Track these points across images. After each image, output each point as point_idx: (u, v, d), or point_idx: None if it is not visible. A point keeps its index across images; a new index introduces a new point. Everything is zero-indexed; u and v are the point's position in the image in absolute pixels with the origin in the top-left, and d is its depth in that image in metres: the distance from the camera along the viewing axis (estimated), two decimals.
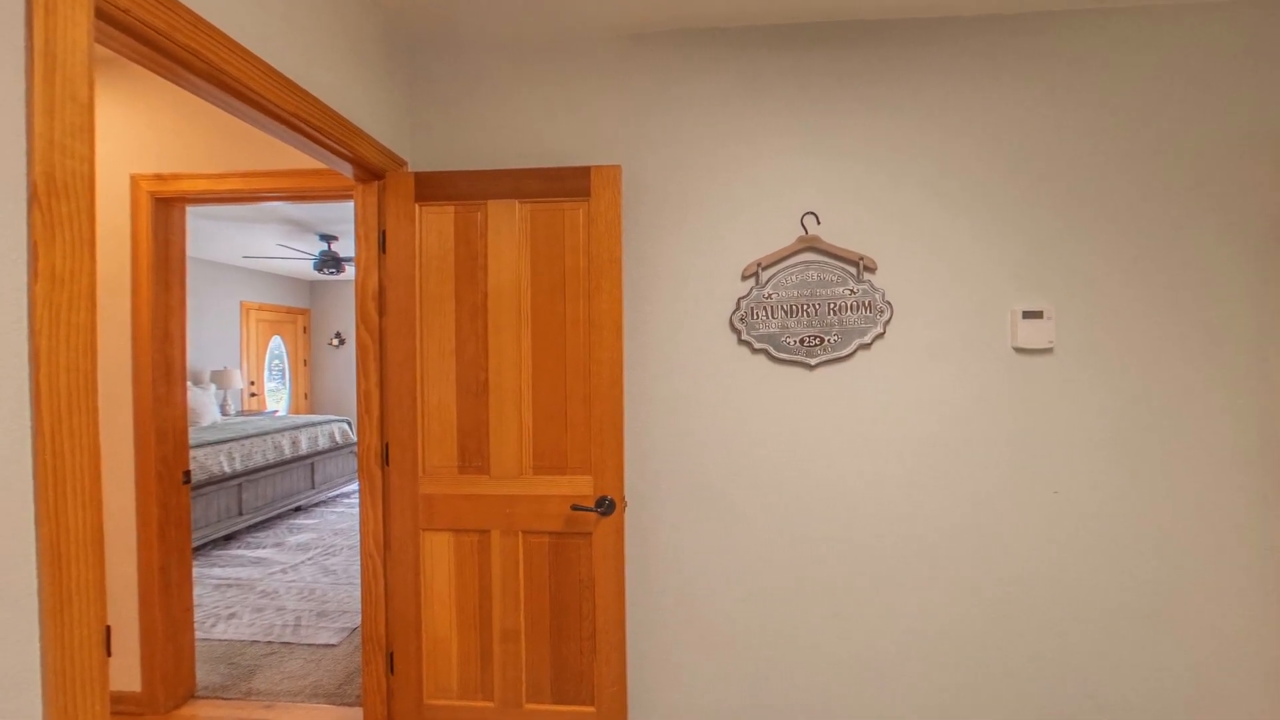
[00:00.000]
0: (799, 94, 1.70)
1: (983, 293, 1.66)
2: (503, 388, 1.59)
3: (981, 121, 1.66)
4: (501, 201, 1.58)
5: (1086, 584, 1.65)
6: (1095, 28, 1.63)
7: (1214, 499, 1.61)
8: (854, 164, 1.69)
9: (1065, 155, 1.64)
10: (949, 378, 1.67)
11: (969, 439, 1.67)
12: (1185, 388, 1.62)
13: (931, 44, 1.66)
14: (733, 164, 1.72)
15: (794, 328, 1.68)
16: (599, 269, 1.56)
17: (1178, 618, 1.63)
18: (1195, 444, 1.61)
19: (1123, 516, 1.64)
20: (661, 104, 1.73)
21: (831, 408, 1.70)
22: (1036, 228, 1.65)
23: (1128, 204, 1.63)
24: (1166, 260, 1.62)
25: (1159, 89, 1.61)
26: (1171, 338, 1.62)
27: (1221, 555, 1.61)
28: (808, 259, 1.68)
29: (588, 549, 1.58)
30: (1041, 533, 1.66)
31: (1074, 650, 1.65)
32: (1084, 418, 1.64)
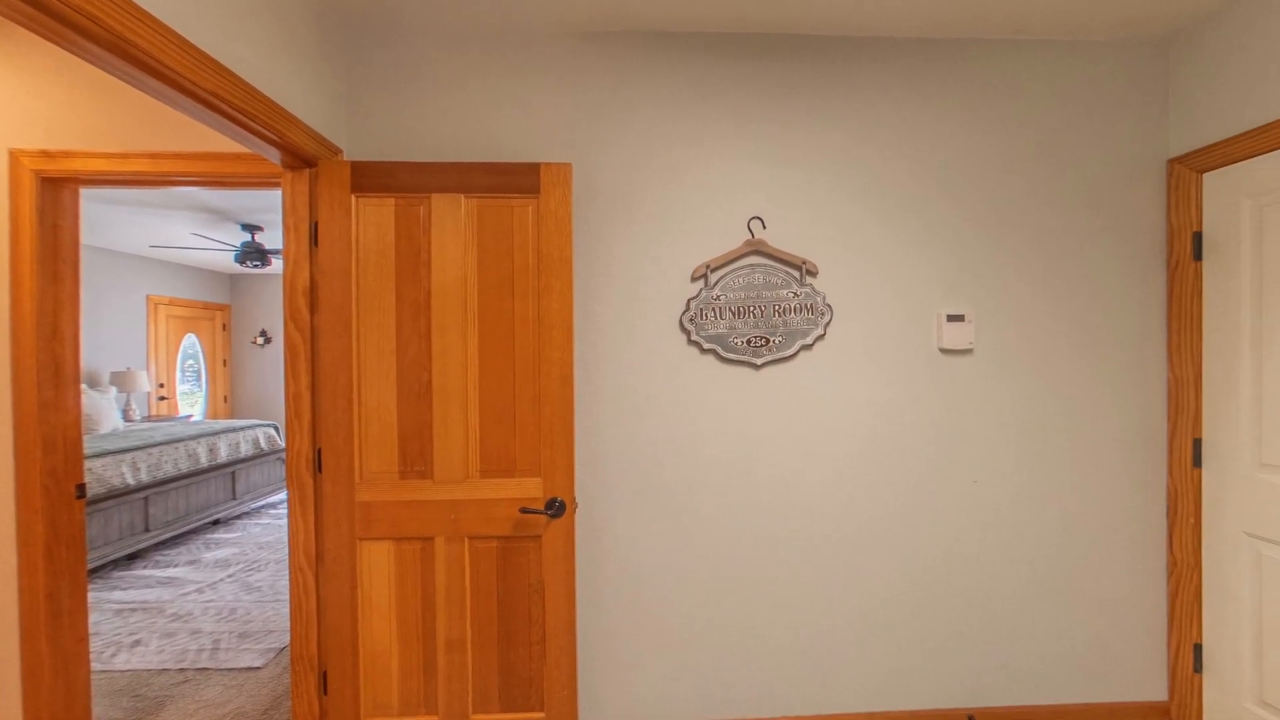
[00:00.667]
0: (745, 101, 1.75)
1: (913, 297, 1.78)
2: (447, 389, 1.53)
3: (912, 138, 1.77)
4: (446, 195, 1.53)
5: (1001, 564, 1.80)
6: (1009, 56, 1.78)
7: (1104, 483, 1.81)
8: (797, 171, 1.76)
9: (983, 173, 1.79)
10: (883, 376, 1.78)
11: (900, 433, 1.78)
12: (1081, 385, 1.80)
13: (867, 62, 1.76)
14: (682, 167, 1.74)
15: (741, 328, 1.73)
16: (549, 268, 1.53)
17: (1077, 590, 1.81)
18: (1089, 435, 1.80)
19: (1031, 502, 1.80)
20: (612, 104, 1.73)
21: (777, 406, 1.76)
22: (960, 238, 1.78)
23: (1037, 219, 1.79)
24: (1067, 271, 1.80)
25: (1062, 116, 1.79)
26: (1070, 340, 1.80)
27: (1111, 533, 1.81)
28: (754, 262, 1.74)
29: (537, 552, 1.56)
30: (963, 519, 1.79)
31: (991, 625, 1.80)
32: (999, 412, 1.79)
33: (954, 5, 1.60)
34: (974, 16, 1.66)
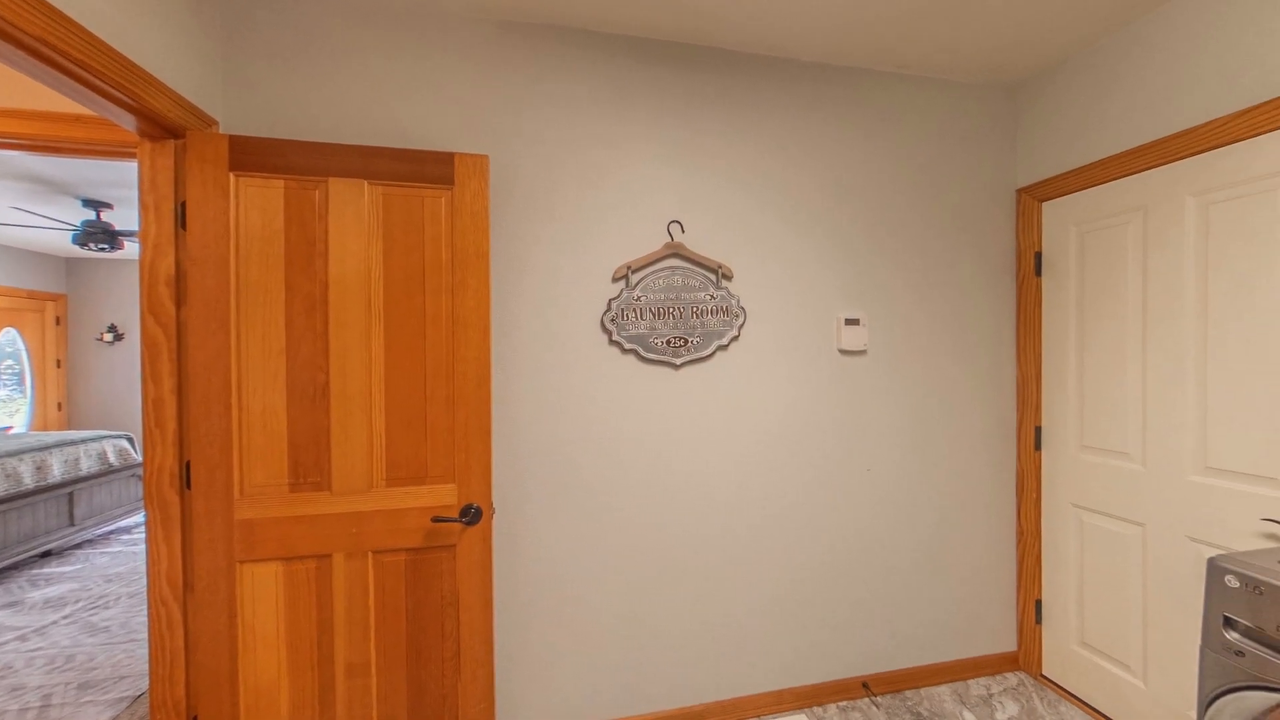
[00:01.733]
0: (663, 107, 1.79)
1: (816, 302, 1.93)
2: (348, 391, 1.41)
3: (815, 154, 1.92)
4: (347, 181, 1.40)
5: (889, 543, 2.01)
6: (894, 89, 1.99)
7: (972, 467, 2.08)
8: (713, 179, 1.83)
9: (875, 191, 1.98)
10: (791, 375, 1.91)
11: (805, 428, 1.92)
12: (954, 382, 2.06)
13: (775, 81, 1.88)
14: (602, 166, 1.74)
15: (661, 329, 1.77)
16: (464, 263, 1.46)
17: (950, 562, 2.06)
18: (961, 425, 2.07)
19: (915, 486, 2.03)
20: (532, 98, 1.69)
21: (695, 404, 1.82)
22: (855, 249, 1.96)
23: (918, 235, 2.02)
24: (942, 282, 2.04)
25: (937, 145, 2.03)
26: (945, 342, 2.05)
27: (977, 510, 2.09)
28: (673, 264, 1.78)
29: (451, 563, 1.48)
30: (859, 505, 1.97)
31: (880, 597, 2.00)
32: (888, 407, 2.00)
33: (845, 37, 1.76)
34: (862, 49, 1.83)
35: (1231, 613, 0.91)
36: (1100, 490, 1.83)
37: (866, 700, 1.94)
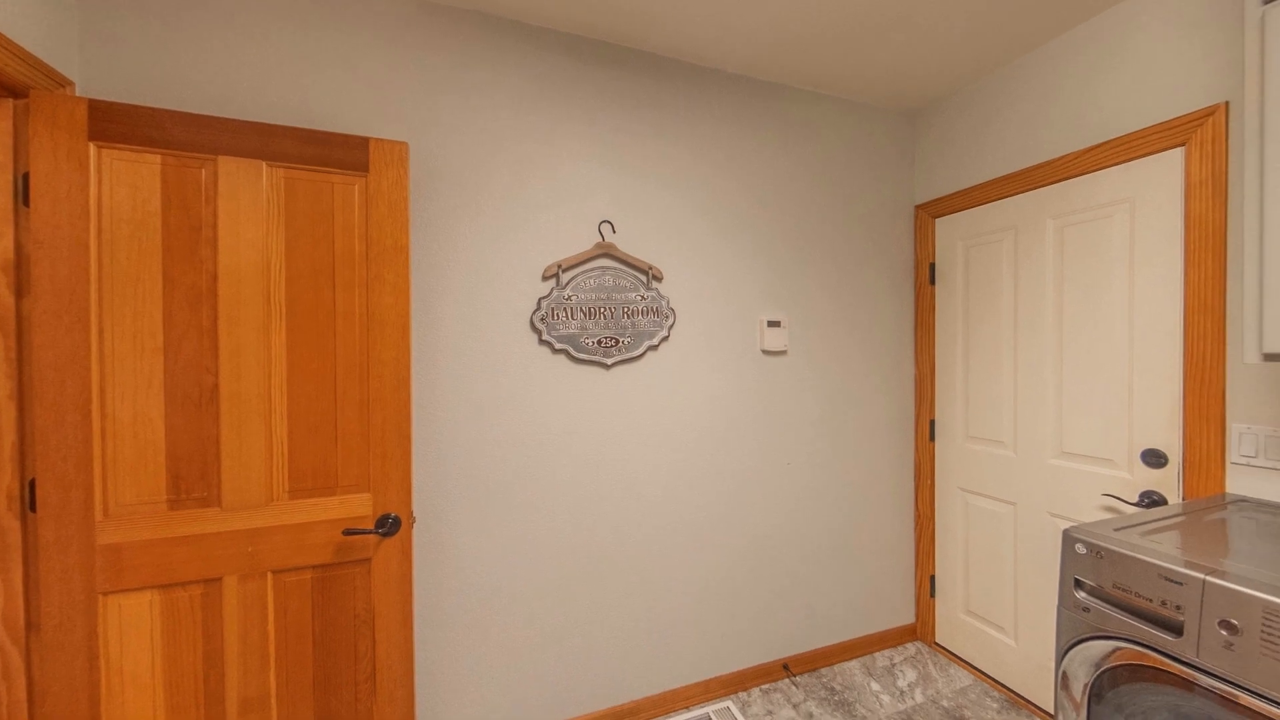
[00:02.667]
0: (597, 106, 1.78)
1: (741, 304, 2.01)
2: (243, 394, 1.27)
3: (740, 161, 2.00)
4: (243, 161, 1.26)
5: (806, 531, 2.14)
6: (812, 106, 2.13)
7: (879, 458, 2.27)
8: (645, 181, 1.85)
9: (794, 198, 2.10)
10: (718, 375, 1.97)
11: (731, 426, 2.00)
12: (863, 379, 2.24)
13: (704, 88, 1.94)
14: (532, 162, 1.71)
15: (593, 329, 1.76)
16: (381, 257, 1.37)
17: (860, 545, 2.24)
18: (868, 419, 2.25)
19: (830, 477, 2.18)
20: (457, 86, 1.62)
21: (625, 404, 1.83)
22: (777, 254, 2.07)
23: (832, 243, 2.17)
24: (853, 287, 2.21)
25: (849, 160, 2.20)
26: (855, 343, 2.22)
27: (883, 497, 2.28)
28: (605, 264, 1.78)
29: (365, 578, 1.37)
30: (780, 497, 2.09)
31: (799, 582, 2.13)
32: (806, 404, 2.13)
33: (765, 54, 1.85)
34: (781, 66, 1.94)
35: (1080, 575, 1.07)
36: (982, 475, 2.07)
37: (787, 681, 2.06)
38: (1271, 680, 0.81)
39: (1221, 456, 1.38)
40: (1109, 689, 1.01)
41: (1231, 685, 0.85)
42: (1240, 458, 1.35)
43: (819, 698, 1.96)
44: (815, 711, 1.89)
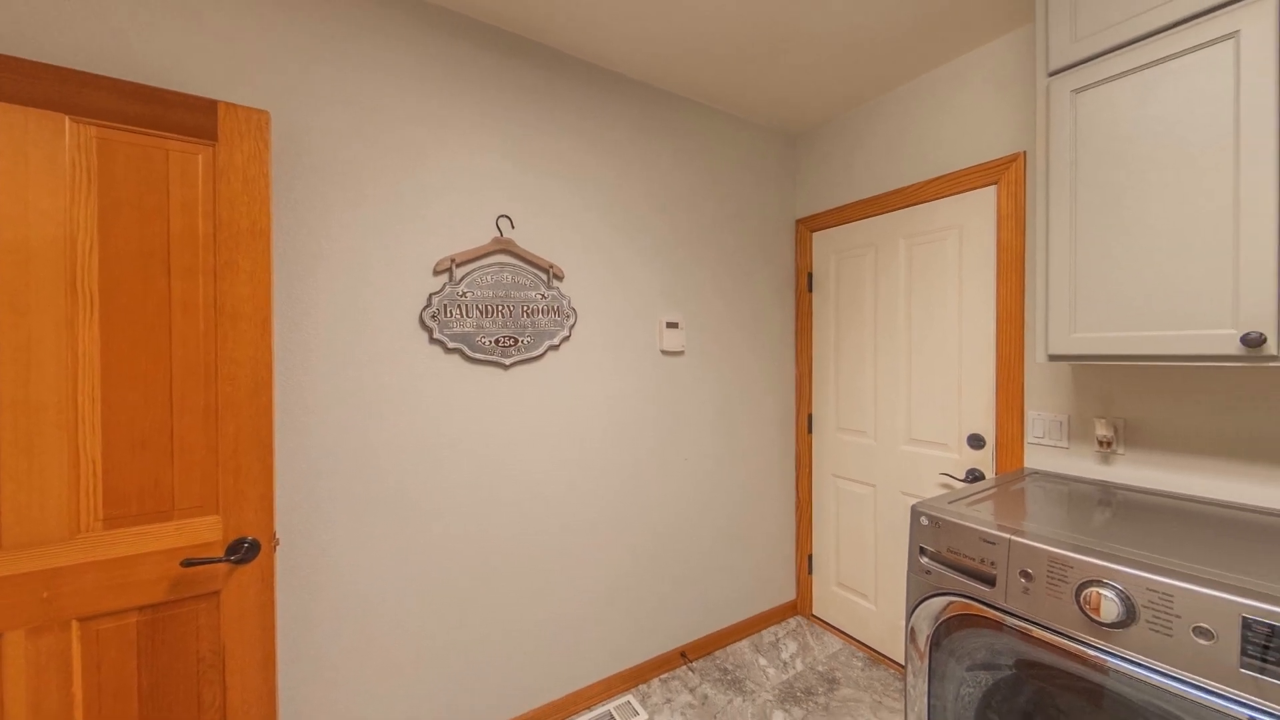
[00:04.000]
0: (499, 98, 1.71)
1: (642, 305, 2.06)
2: (31, 403, 1.02)
3: (641, 167, 2.05)
4: (30, 111, 1.01)
5: (702, 523, 2.25)
6: (707, 119, 2.25)
7: (767, 451, 2.46)
8: (547, 178, 1.82)
9: (691, 206, 2.20)
10: (619, 375, 2.00)
11: (632, 424, 2.04)
12: (754, 378, 2.41)
13: (607, 89, 1.95)
14: (424, 148, 1.59)
15: (490, 327, 1.69)
16: (234, 240, 1.18)
17: (750, 534, 2.41)
18: (756, 415, 2.43)
19: (723, 471, 2.31)
20: (336, 56, 1.45)
21: (525, 405, 1.78)
22: (676, 257, 2.15)
23: (725, 250, 2.31)
24: (744, 291, 2.37)
25: (740, 174, 2.36)
26: (746, 344, 2.38)
27: (770, 487, 2.48)
28: (503, 261, 1.72)
29: (213, 614, 1.18)
30: (678, 492, 2.17)
31: (694, 571, 2.23)
32: (702, 402, 2.24)
33: (662, 65, 1.92)
34: (678, 79, 2.02)
35: (924, 543, 1.25)
36: (850, 462, 2.34)
37: (684, 668, 2.15)
38: (1051, 614, 1.01)
39: (1022, 438, 1.71)
40: (944, 637, 1.19)
41: (1027, 622, 1.05)
42: (1034, 438, 1.68)
43: (713, 679, 2.07)
44: (710, 693, 1.99)
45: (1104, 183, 1.25)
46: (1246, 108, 1.05)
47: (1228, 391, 1.31)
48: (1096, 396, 1.54)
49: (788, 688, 2.02)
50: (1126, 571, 0.93)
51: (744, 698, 1.96)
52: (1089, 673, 0.97)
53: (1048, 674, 1.03)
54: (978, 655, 1.14)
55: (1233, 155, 1.07)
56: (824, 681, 2.06)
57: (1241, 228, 1.06)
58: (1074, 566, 0.99)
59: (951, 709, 1.19)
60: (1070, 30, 1.30)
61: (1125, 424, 1.48)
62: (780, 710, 1.89)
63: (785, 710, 1.89)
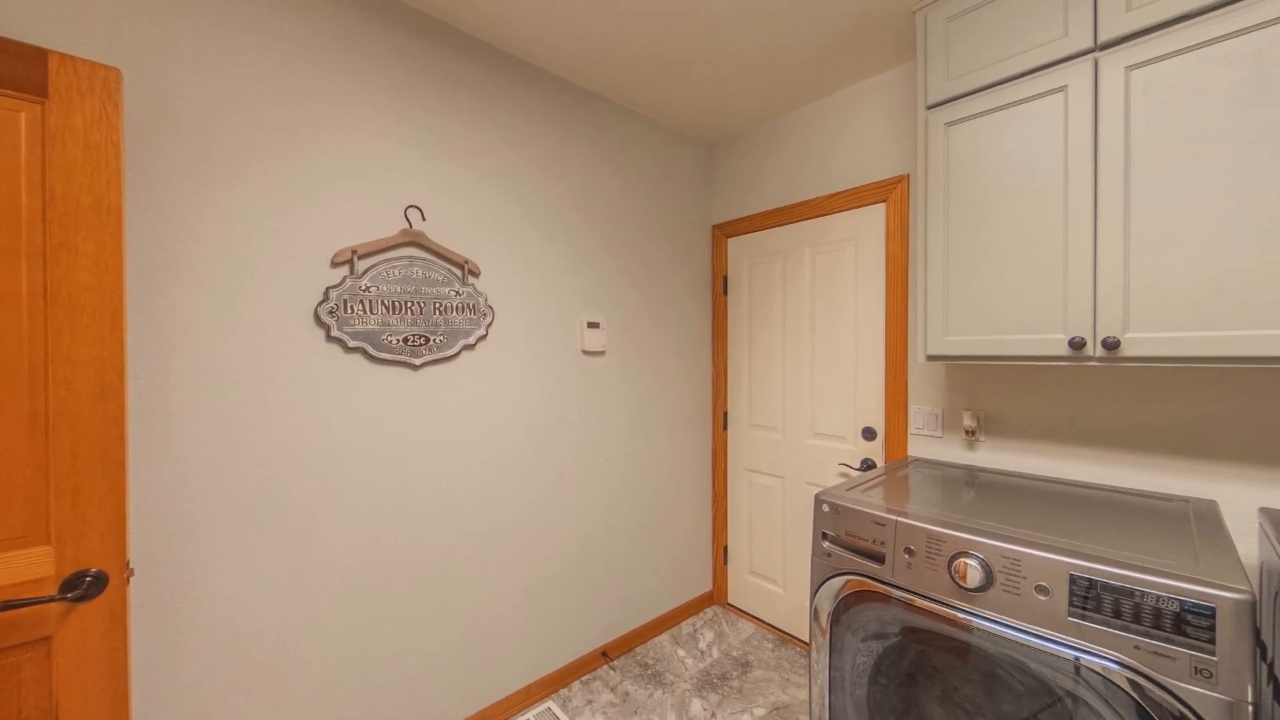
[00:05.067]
0: (410, 81, 1.60)
1: (563, 304, 2.03)
2: None
3: (563, 166, 2.02)
4: None
5: (622, 521, 2.27)
6: (629, 122, 2.27)
7: (682, 447, 2.53)
8: (463, 169, 1.73)
9: (612, 207, 2.21)
10: (539, 375, 1.96)
11: (552, 425, 2.00)
12: (672, 378, 2.47)
13: (527, 82, 1.90)
14: (319, 126, 1.45)
15: (398, 325, 1.57)
16: (72, 218, 0.99)
17: (669, 529, 2.47)
18: (676, 414, 2.49)
19: (643, 469, 2.35)
20: (210, 10, 1.28)
21: (439, 407, 1.68)
22: (597, 258, 2.15)
23: (645, 252, 2.34)
24: (663, 293, 2.43)
25: (661, 178, 2.40)
26: (665, 344, 2.44)
27: (688, 483, 2.55)
28: (412, 254, 1.61)
29: (43, 664, 0.98)
30: (598, 492, 2.17)
31: (615, 570, 2.25)
32: (622, 402, 2.26)
33: (584, 63, 1.92)
34: (598, 79, 2.03)
35: (825, 528, 1.36)
36: (761, 456, 2.48)
37: (606, 668, 2.15)
38: (929, 584, 1.15)
39: (906, 429, 1.92)
40: (843, 613, 1.31)
41: (910, 593, 1.18)
42: (915, 430, 1.89)
43: (634, 675, 2.10)
44: (631, 690, 2.01)
45: (970, 207, 1.44)
46: (1072, 149, 1.26)
47: (1060, 386, 1.56)
48: (964, 392, 1.76)
49: (705, 676, 2.10)
50: (987, 543, 1.08)
51: (664, 690, 2.01)
52: (958, 633, 1.11)
53: (927, 637, 1.17)
54: (870, 627, 1.26)
55: (1063, 189, 1.28)
56: (738, 666, 2.16)
57: (1069, 251, 1.27)
58: (946, 541, 1.13)
59: (849, 678, 1.30)
60: (944, 70, 1.48)
61: (986, 415, 1.71)
62: (698, 698, 1.96)
63: (703, 697, 1.96)
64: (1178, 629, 0.86)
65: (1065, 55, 1.27)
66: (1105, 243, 1.22)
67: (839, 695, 1.32)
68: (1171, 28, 1.13)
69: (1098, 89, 1.22)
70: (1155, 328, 1.16)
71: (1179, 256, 1.13)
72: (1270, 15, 1.03)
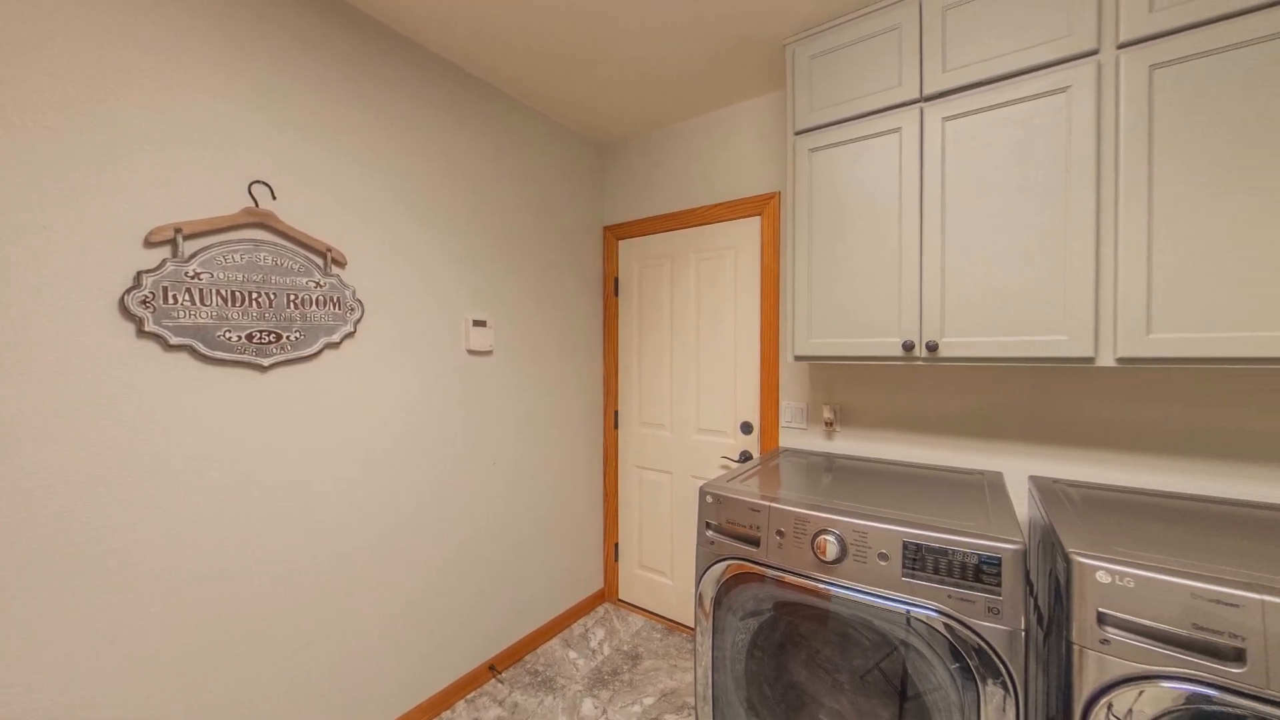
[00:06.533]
0: (251, 34, 1.37)
1: (446, 301, 1.90)
2: None
3: (446, 155, 1.89)
4: None
5: (513, 525, 2.20)
6: (521, 116, 2.19)
7: (575, 448, 2.52)
8: (327, 147, 1.54)
9: (502, 203, 2.12)
10: (418, 376, 1.81)
11: (434, 430, 1.87)
12: (563, 377, 2.44)
13: (410, 60, 1.75)
14: (129, 76, 1.19)
15: (239, 319, 1.35)
16: None
17: (562, 530, 2.44)
18: (568, 414, 2.47)
19: (534, 471, 2.29)
20: None
21: (293, 415, 1.48)
22: (484, 255, 2.05)
23: (536, 250, 2.29)
24: (555, 293, 2.39)
25: (553, 176, 2.36)
26: (556, 344, 2.41)
27: (581, 482, 2.54)
28: (259, 237, 1.39)
29: None
30: (486, 497, 2.07)
31: (505, 577, 2.16)
32: (511, 403, 2.18)
33: (469, 44, 1.82)
34: (485, 66, 1.94)
35: (708, 518, 1.45)
36: (650, 453, 2.56)
37: (493, 681, 2.06)
38: (796, 561, 1.28)
39: (777, 423, 2.11)
40: (724, 596, 1.40)
41: (781, 570, 1.31)
42: (785, 423, 2.09)
43: (523, 685, 2.04)
44: (520, 700, 1.95)
45: (830, 225, 1.63)
46: (905, 182, 1.49)
47: (896, 382, 1.84)
48: (824, 388, 1.99)
49: (596, 674, 2.11)
50: (841, 519, 1.23)
51: (554, 695, 1.98)
52: (819, 602, 1.25)
53: (794, 610, 1.30)
54: (748, 606, 1.37)
55: (898, 216, 1.51)
56: (628, 659, 2.21)
57: (902, 268, 1.50)
58: (810, 521, 1.27)
59: (729, 655, 1.40)
60: (809, 101, 1.66)
61: (841, 408, 1.95)
62: (589, 697, 1.97)
63: (594, 696, 1.97)
64: (977, 577, 1.07)
65: (899, 102, 1.50)
66: (928, 263, 1.46)
67: (721, 673, 1.41)
68: (972, 90, 1.40)
69: (923, 134, 1.46)
70: (962, 334, 1.42)
71: (976, 277, 1.40)
72: (1037, 90, 1.31)
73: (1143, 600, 0.90)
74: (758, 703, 1.36)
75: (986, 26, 1.37)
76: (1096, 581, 0.94)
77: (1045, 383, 1.58)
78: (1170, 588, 0.89)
